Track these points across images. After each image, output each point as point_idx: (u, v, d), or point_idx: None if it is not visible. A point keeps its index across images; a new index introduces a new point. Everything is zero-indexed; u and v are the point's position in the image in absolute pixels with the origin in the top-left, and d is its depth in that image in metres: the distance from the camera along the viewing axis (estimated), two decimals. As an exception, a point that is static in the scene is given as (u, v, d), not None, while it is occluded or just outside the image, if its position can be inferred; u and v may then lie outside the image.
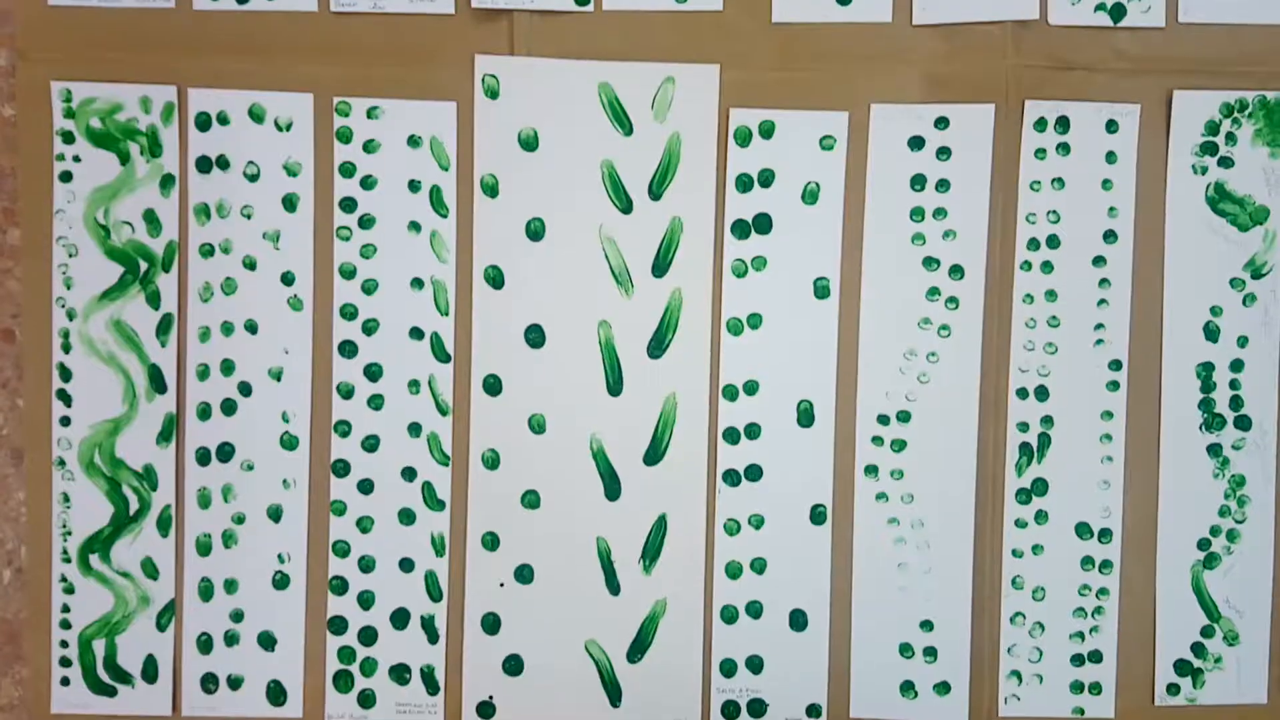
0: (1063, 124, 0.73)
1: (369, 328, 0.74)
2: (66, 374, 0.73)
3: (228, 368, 0.73)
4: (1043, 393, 0.75)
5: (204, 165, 0.72)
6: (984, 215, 0.74)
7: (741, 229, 0.75)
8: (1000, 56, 0.73)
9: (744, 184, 0.74)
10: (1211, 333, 0.74)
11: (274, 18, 0.72)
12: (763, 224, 0.75)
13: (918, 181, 0.74)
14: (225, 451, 0.74)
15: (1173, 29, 0.73)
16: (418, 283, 0.74)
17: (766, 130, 0.74)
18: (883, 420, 0.75)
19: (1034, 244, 0.74)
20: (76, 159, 0.72)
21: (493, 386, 0.74)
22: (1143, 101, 0.73)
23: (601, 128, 0.74)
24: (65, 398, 0.73)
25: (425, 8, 0.72)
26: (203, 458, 0.74)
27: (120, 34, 0.72)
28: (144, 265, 0.72)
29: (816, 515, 0.75)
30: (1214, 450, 0.74)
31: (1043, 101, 0.73)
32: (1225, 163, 0.74)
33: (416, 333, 0.74)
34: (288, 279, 0.73)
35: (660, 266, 0.75)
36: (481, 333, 0.74)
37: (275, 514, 0.74)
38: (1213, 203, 0.74)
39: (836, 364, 0.75)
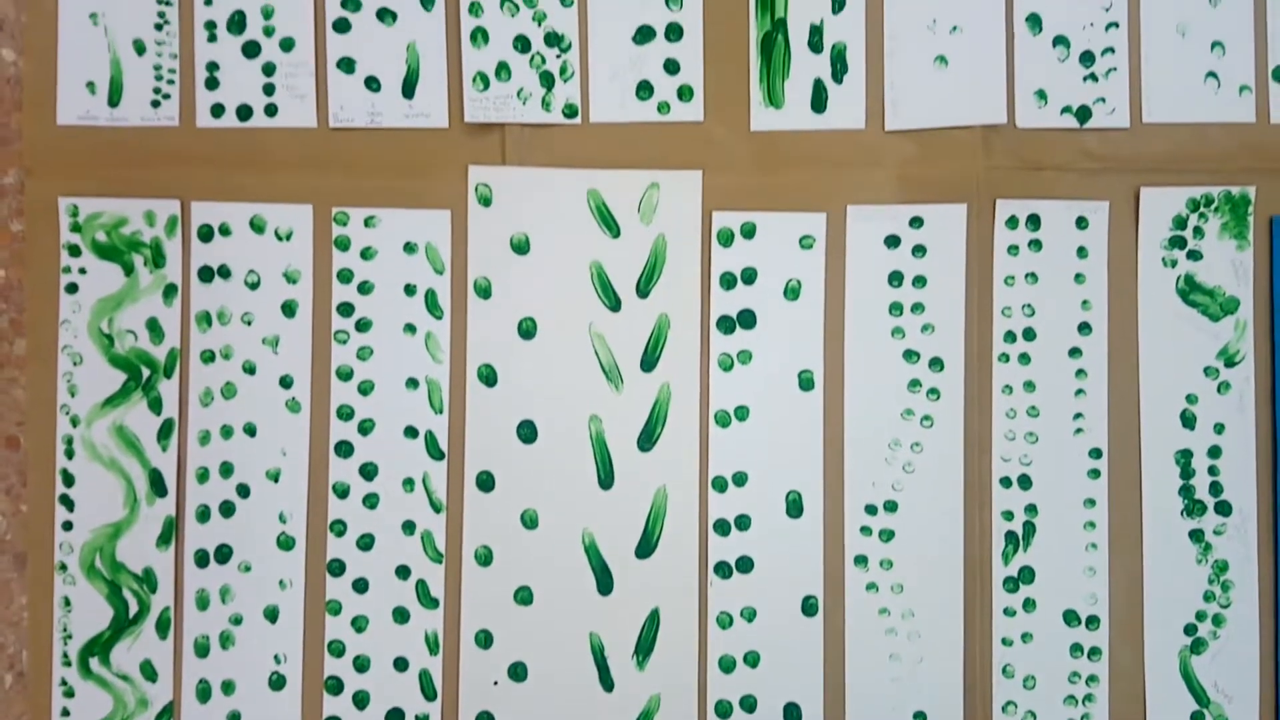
0: (1034, 221, 0.76)
1: (365, 428, 0.75)
2: (69, 479, 0.75)
3: (227, 470, 0.75)
4: (1026, 481, 0.76)
5: (206, 275, 0.75)
6: (960, 309, 0.76)
7: (727, 324, 0.77)
8: (971, 159, 0.76)
9: (728, 282, 0.77)
10: (1188, 420, 0.76)
11: (275, 134, 0.75)
12: (747, 319, 0.77)
13: (895, 278, 0.77)
14: (223, 553, 0.75)
15: (1137, 129, 0.76)
16: (413, 383, 0.76)
17: (748, 231, 0.77)
18: (870, 510, 0.76)
19: (1010, 336, 0.76)
20: (82, 271, 0.74)
21: (485, 483, 0.76)
22: (1111, 198, 0.76)
23: (590, 231, 0.77)
24: (68, 502, 0.75)
25: (421, 123, 0.76)
26: (201, 559, 0.75)
27: (126, 151, 0.75)
28: (146, 372, 0.74)
29: (808, 607, 0.76)
30: (1196, 536, 0.76)
31: (1013, 200, 0.76)
32: (1194, 255, 0.76)
33: (411, 431, 0.76)
34: (286, 382, 0.75)
35: (649, 362, 0.77)
36: (474, 430, 0.76)
37: (272, 614, 0.75)
38: (1184, 294, 0.76)
39: (823, 455, 0.76)
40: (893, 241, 0.77)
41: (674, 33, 0.76)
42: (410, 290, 0.76)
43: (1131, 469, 0.76)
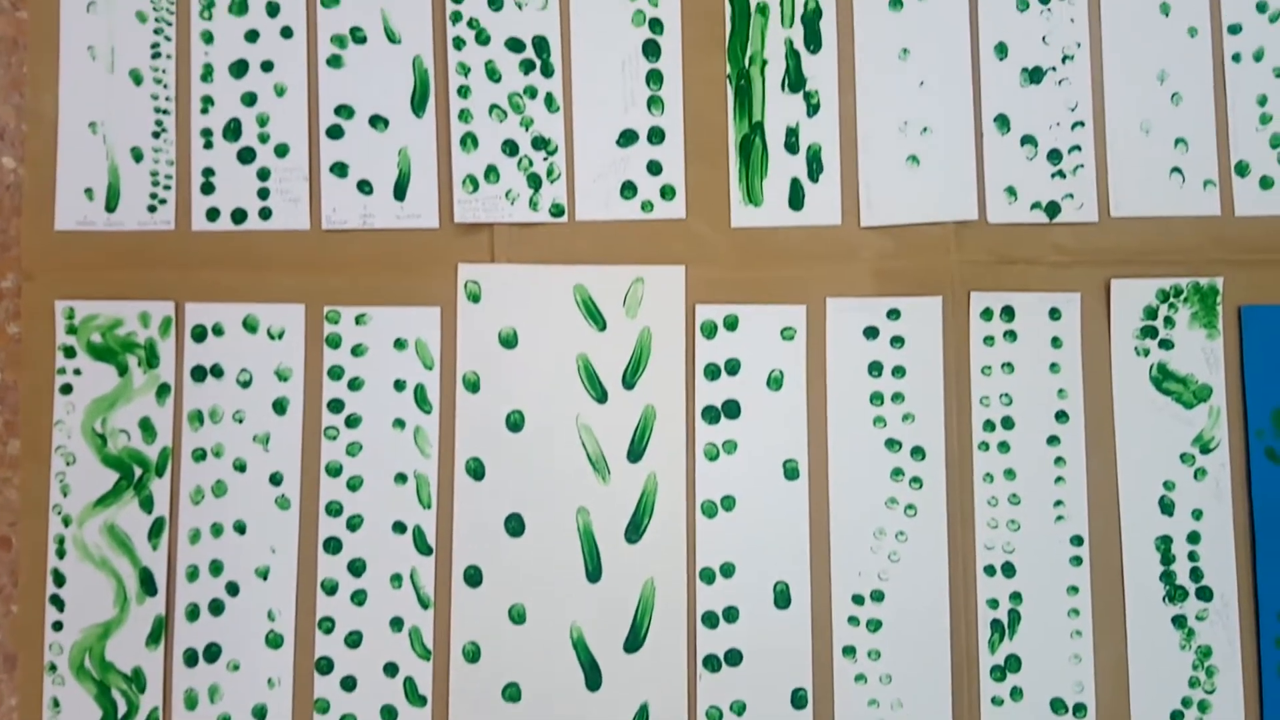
0: (1008, 313, 0.78)
1: (353, 524, 0.76)
2: (60, 579, 0.75)
3: (216, 568, 0.76)
4: (1010, 569, 0.77)
5: (199, 374, 0.76)
6: (940, 399, 0.78)
7: (712, 415, 0.78)
8: (944, 253, 0.78)
9: (712, 373, 0.78)
10: (1167, 506, 0.77)
11: (268, 236, 0.78)
12: (731, 410, 0.78)
13: (875, 368, 0.78)
14: (212, 652, 0.75)
15: (1106, 223, 0.79)
16: (401, 478, 0.76)
17: (731, 323, 0.78)
18: (857, 600, 0.77)
19: (989, 425, 0.78)
20: (77, 372, 0.76)
21: (473, 578, 0.76)
22: (1082, 290, 0.78)
23: (577, 325, 0.78)
24: (58, 603, 0.75)
25: (412, 223, 0.78)
26: (190, 659, 0.75)
27: (121, 254, 0.77)
28: (138, 471, 0.75)
29: (797, 699, 0.76)
30: (1179, 622, 0.76)
31: (987, 293, 0.78)
32: (1166, 345, 0.78)
33: (399, 527, 0.76)
34: (276, 479, 0.76)
35: (635, 452, 0.78)
36: (462, 524, 0.77)
37: (260, 713, 0.74)
38: (1157, 382, 0.78)
39: (809, 544, 0.77)
40: (871, 333, 0.78)
41: (656, 136, 0.79)
42: (400, 386, 0.77)
43: (1113, 555, 0.77)
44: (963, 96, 0.79)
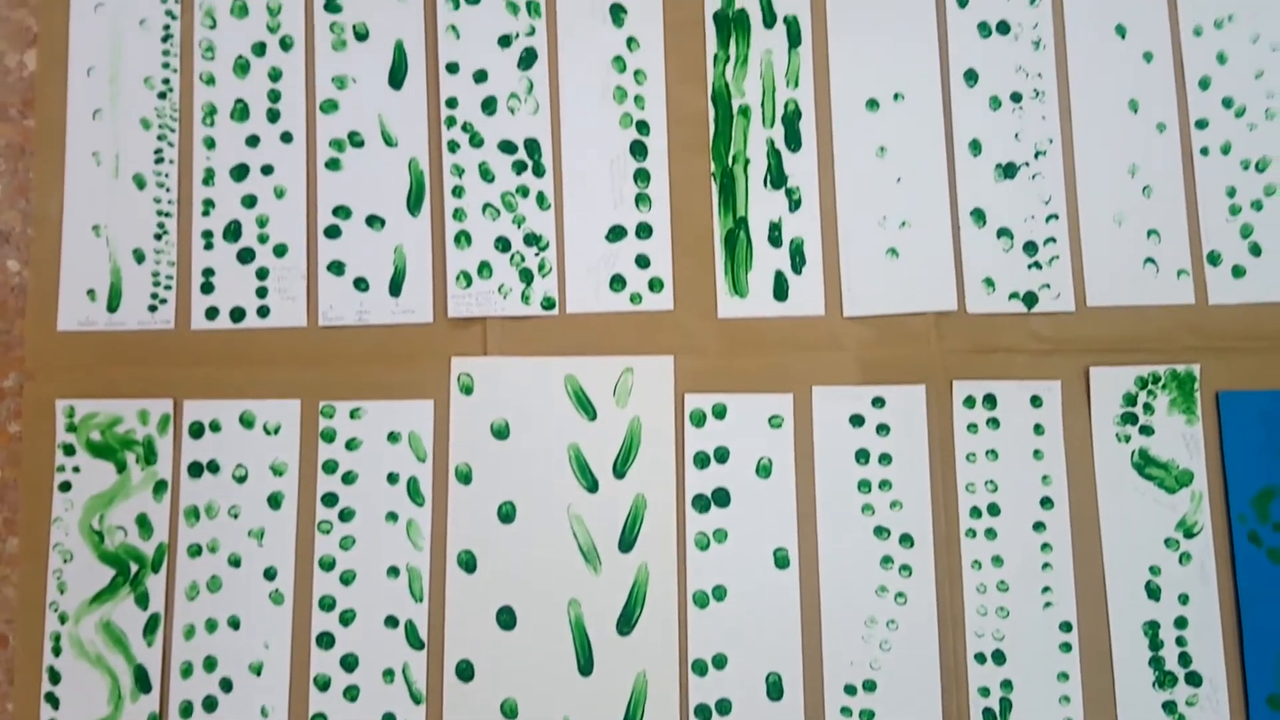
0: (990, 401, 0.80)
1: (346, 618, 0.77)
2: (56, 677, 0.75)
3: (210, 664, 0.76)
4: (1000, 656, 0.77)
5: (195, 470, 0.78)
6: (926, 486, 0.79)
7: (702, 503, 0.79)
8: (926, 342, 0.80)
9: (701, 461, 0.79)
10: (1153, 592, 0.77)
11: (266, 334, 0.79)
12: (721, 498, 0.79)
13: (862, 456, 0.79)
14: (204, 750, 0.75)
15: (1083, 312, 0.81)
16: (394, 571, 0.77)
17: (719, 412, 0.80)
18: (849, 690, 0.77)
19: (976, 512, 0.79)
20: (76, 469, 0.77)
21: (465, 672, 0.76)
22: (1062, 378, 0.80)
23: (568, 415, 0.80)
24: (53, 700, 0.75)
25: (407, 319, 0.80)
26: (182, 757, 0.75)
27: (122, 353, 0.79)
28: (134, 567, 0.76)
29: (789, 790, 0.76)
30: (1169, 707, 0.76)
31: (969, 381, 0.80)
32: (1146, 431, 0.79)
33: (391, 621, 0.77)
34: (270, 574, 0.77)
35: (626, 542, 0.78)
36: (454, 618, 0.77)
37: (251, 812, 0.75)
38: (1139, 468, 0.79)
39: (801, 634, 0.77)
40: (857, 420, 0.80)
41: (644, 231, 0.81)
42: (393, 479, 0.78)
43: (1101, 641, 0.77)
44: (939, 191, 0.81)
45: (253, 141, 0.81)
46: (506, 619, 0.77)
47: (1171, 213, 0.81)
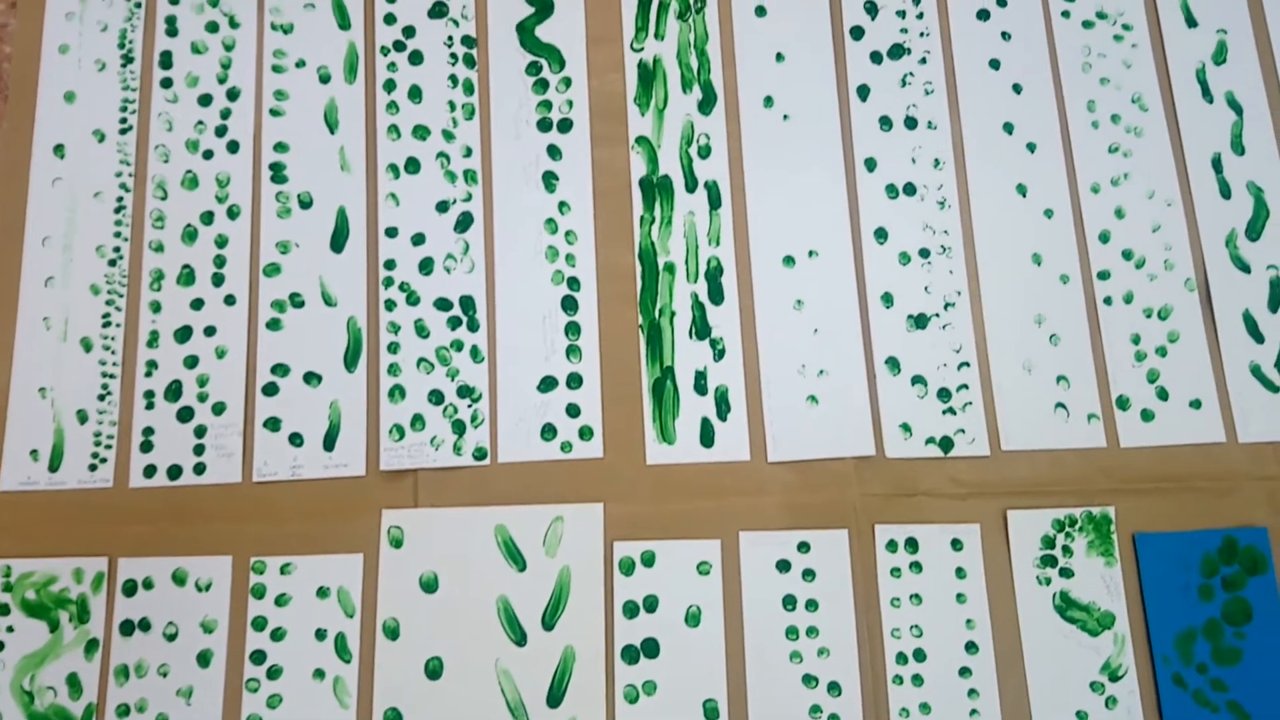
0: (912, 544, 0.81)
1: (272, 779, 0.76)
2: (-28, 845, 0.74)
3: (130, 830, 0.75)
4: (931, 808, 0.76)
5: (127, 629, 0.78)
6: (852, 632, 0.79)
7: (631, 654, 0.79)
8: (847, 487, 0.82)
9: (630, 610, 0.80)
10: (1082, 738, 0.78)
11: (202, 491, 0.81)
12: (651, 648, 0.79)
13: (789, 602, 0.80)
14: None
15: (998, 456, 0.83)
16: (322, 728, 0.77)
17: (648, 559, 0.81)
18: (779, 845, 0.76)
19: (902, 658, 0.79)
20: (9, 629, 0.77)
21: (391, 834, 0.76)
22: (981, 521, 0.81)
23: (497, 566, 0.81)
24: None
25: (340, 472, 0.82)
26: None
27: (61, 512, 0.81)
28: (60, 729, 0.76)
29: None
30: None
31: (891, 525, 0.81)
32: (1066, 573, 0.81)
33: (318, 780, 0.76)
34: (196, 734, 0.77)
35: (555, 697, 0.78)
36: (382, 776, 0.77)
37: None
38: (1061, 610, 0.80)
39: (731, 787, 0.77)
40: (784, 566, 0.81)
41: (574, 381, 0.84)
42: (321, 635, 0.79)
43: (1033, 791, 0.77)
44: (854, 342, 0.85)
45: (197, 305, 0.84)
46: (433, 777, 0.76)
47: (1079, 359, 0.85)
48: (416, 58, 0.90)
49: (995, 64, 0.91)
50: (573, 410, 0.84)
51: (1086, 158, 0.89)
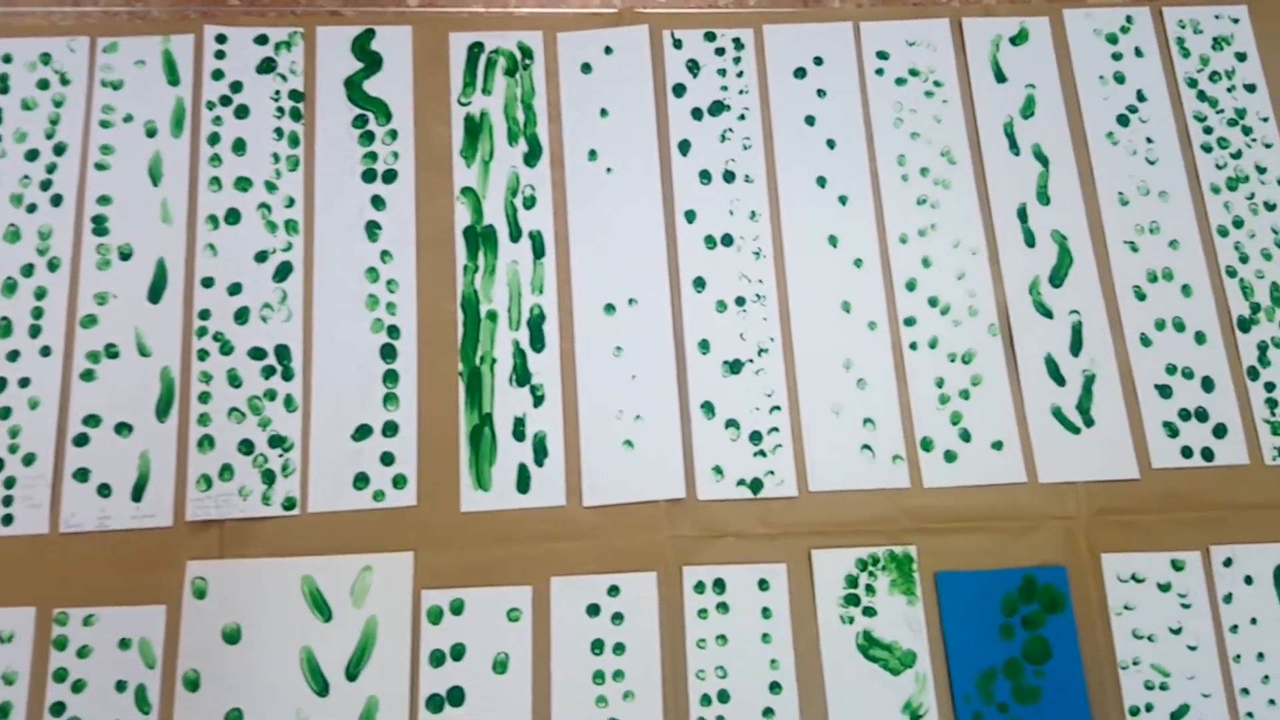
0: (719, 585, 0.82)
1: (57, 839, 0.74)
2: None
3: None
4: None
5: (-86, 684, 0.77)
6: (657, 675, 0.80)
7: (436, 703, 0.79)
8: (657, 530, 0.83)
9: (437, 659, 0.80)
10: (882, 778, 0.78)
11: (8, 542, 0.80)
12: (456, 697, 0.79)
13: (597, 646, 0.80)
14: None
15: (805, 497, 0.84)
16: (115, 784, 0.76)
17: (457, 608, 0.81)
18: None
19: (706, 700, 0.79)
20: None
21: None
22: (787, 561, 0.83)
23: (303, 617, 0.80)
24: None
25: (147, 523, 0.81)
26: None
27: None
28: None
29: None
30: None
31: (699, 566, 0.82)
32: (869, 612, 0.81)
33: (106, 839, 0.74)
34: (-18, 792, 0.75)
35: (359, 748, 0.78)
36: (175, 833, 0.75)
37: None
38: (864, 649, 0.81)
39: (535, 836, 0.76)
40: (594, 610, 0.81)
41: (390, 429, 0.85)
42: (121, 687, 0.78)
43: (833, 834, 0.77)
44: (670, 387, 0.87)
45: (13, 356, 0.84)
46: (225, 834, 0.75)
47: (885, 402, 0.87)
48: (243, 111, 0.92)
49: (811, 120, 0.95)
50: (387, 459, 0.84)
51: (895, 209, 0.92)
